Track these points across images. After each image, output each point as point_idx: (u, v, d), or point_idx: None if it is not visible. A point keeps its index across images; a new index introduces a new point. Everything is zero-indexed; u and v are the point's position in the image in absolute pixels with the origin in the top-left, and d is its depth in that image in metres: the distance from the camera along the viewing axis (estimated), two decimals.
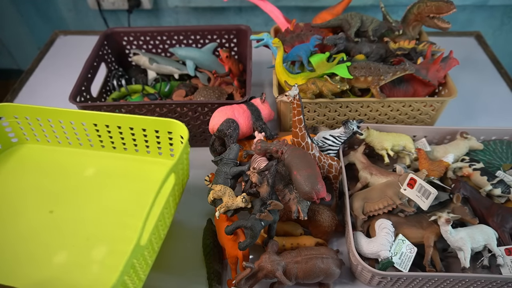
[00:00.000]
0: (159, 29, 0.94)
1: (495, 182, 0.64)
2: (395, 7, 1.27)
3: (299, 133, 0.63)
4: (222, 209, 0.56)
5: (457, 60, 0.78)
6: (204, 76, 0.96)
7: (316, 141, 0.67)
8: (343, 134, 0.67)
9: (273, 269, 0.54)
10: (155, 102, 0.74)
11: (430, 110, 0.76)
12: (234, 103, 0.72)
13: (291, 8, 1.32)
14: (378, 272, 0.54)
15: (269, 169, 0.57)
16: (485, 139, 0.74)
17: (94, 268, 0.55)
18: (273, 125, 0.91)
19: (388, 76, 0.72)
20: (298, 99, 0.63)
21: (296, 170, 0.57)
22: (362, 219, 0.64)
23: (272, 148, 0.60)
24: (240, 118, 0.66)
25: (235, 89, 0.89)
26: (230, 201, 0.56)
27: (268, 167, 0.57)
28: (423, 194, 0.58)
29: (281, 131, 0.82)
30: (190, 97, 0.86)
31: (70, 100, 0.73)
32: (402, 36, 0.84)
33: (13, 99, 1.01)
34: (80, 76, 0.79)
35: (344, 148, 0.78)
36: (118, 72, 0.94)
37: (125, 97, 0.92)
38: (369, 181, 0.69)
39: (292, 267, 0.56)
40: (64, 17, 1.54)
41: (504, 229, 0.60)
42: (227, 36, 0.95)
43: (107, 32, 0.92)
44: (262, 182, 0.56)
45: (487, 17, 1.37)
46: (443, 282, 0.56)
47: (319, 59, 0.78)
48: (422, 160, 0.68)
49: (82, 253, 0.57)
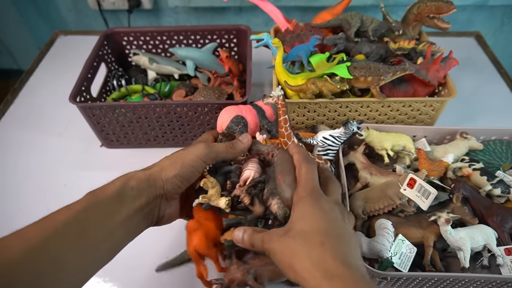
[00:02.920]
0: (159, 29, 0.94)
1: (495, 182, 0.64)
2: (395, 7, 1.27)
3: (285, 133, 0.63)
4: (203, 200, 0.54)
5: (457, 60, 0.78)
6: (204, 76, 0.96)
7: (316, 141, 0.67)
8: (343, 134, 0.67)
9: (244, 279, 0.53)
10: (155, 102, 0.74)
11: (430, 110, 0.76)
12: (234, 103, 0.72)
13: (291, 8, 1.32)
14: (378, 272, 0.54)
15: (255, 187, 0.53)
16: (485, 139, 0.74)
17: None
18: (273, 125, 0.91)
19: (388, 76, 0.72)
20: (282, 100, 0.63)
21: (280, 174, 0.54)
22: (362, 219, 0.64)
23: (264, 150, 0.59)
24: (248, 116, 0.66)
25: (235, 89, 0.89)
26: (214, 197, 0.55)
27: (255, 183, 0.54)
28: (423, 194, 0.58)
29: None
30: (190, 97, 0.86)
31: (70, 100, 0.73)
32: (402, 36, 0.84)
33: (14, 99, 1.01)
34: (80, 76, 0.79)
35: (344, 148, 0.78)
36: (118, 72, 0.94)
37: (125, 97, 0.92)
38: (369, 181, 0.69)
39: (262, 271, 0.55)
40: (64, 17, 1.55)
41: (504, 229, 0.60)
42: (227, 36, 0.95)
43: (107, 32, 0.92)
44: (254, 203, 0.53)
45: (487, 17, 1.37)
46: (443, 282, 0.56)
47: (319, 59, 0.78)
48: (422, 160, 0.68)
49: None
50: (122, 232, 0.44)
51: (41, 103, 0.99)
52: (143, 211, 0.46)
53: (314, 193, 0.42)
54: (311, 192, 0.42)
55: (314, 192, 0.42)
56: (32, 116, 0.95)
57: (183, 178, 0.49)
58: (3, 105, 0.99)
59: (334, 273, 0.35)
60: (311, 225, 0.39)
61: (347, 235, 0.41)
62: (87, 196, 0.43)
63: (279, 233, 0.41)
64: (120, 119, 0.77)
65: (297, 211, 0.41)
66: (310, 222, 0.39)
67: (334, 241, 0.38)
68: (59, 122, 0.93)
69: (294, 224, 0.40)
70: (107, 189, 0.44)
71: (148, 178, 0.46)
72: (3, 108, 0.98)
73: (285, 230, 0.41)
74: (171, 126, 0.80)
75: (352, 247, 0.40)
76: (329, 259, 0.36)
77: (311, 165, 0.46)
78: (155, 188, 0.47)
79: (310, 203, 0.41)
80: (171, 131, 0.81)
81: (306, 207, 0.41)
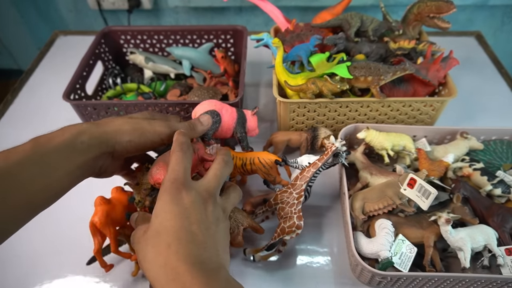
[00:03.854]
0: (156, 28, 0.94)
1: (495, 182, 0.64)
2: (395, 7, 1.27)
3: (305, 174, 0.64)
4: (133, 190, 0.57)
5: (457, 60, 0.78)
6: (200, 76, 0.96)
7: (300, 165, 0.66)
8: (329, 163, 0.65)
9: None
10: (148, 101, 0.74)
11: (430, 110, 0.76)
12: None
13: (291, 8, 1.32)
14: (378, 272, 0.54)
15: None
16: (485, 139, 0.74)
17: None
18: (273, 125, 0.91)
19: (388, 76, 0.72)
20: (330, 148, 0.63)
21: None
22: (362, 219, 0.64)
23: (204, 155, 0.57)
24: (225, 116, 0.64)
25: (230, 90, 0.89)
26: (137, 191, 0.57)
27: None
28: (423, 194, 0.58)
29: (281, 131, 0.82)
30: (185, 97, 0.86)
31: (63, 97, 0.73)
32: (402, 36, 0.84)
33: (14, 99, 1.01)
34: (75, 74, 0.79)
35: None
36: (114, 71, 0.94)
37: (120, 95, 0.92)
38: (369, 181, 0.69)
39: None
40: (64, 17, 1.55)
41: (504, 229, 0.60)
42: (223, 36, 0.95)
43: (104, 31, 0.92)
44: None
45: (487, 17, 1.37)
46: (443, 282, 0.56)
47: (319, 59, 0.78)
48: (422, 160, 0.68)
49: None
50: (61, 186, 0.43)
51: (41, 103, 0.99)
52: (87, 165, 0.46)
53: (176, 183, 0.40)
54: (173, 182, 0.41)
55: (176, 182, 0.40)
56: (32, 116, 0.95)
57: (137, 147, 0.49)
58: (3, 105, 0.99)
59: (176, 276, 0.35)
60: (164, 224, 0.38)
61: (202, 229, 0.39)
62: (30, 144, 0.42)
63: (141, 232, 0.41)
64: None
65: (157, 205, 0.40)
66: (164, 220, 0.38)
67: (182, 240, 0.37)
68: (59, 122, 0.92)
69: (153, 220, 0.39)
70: (54, 139, 0.43)
71: (100, 135, 0.46)
72: (3, 108, 0.98)
73: (146, 227, 0.40)
74: None
75: (206, 241, 0.38)
76: (173, 261, 0.36)
77: (181, 154, 0.44)
78: (106, 146, 0.47)
79: (169, 196, 0.40)
80: None
81: (164, 201, 0.40)
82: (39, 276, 0.65)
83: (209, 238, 0.39)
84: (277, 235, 0.61)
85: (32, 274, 0.65)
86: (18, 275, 0.65)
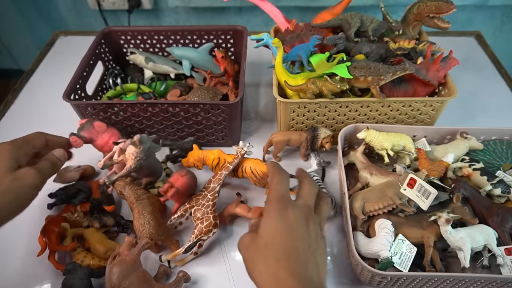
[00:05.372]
0: (156, 29, 0.94)
1: (495, 182, 0.64)
2: (395, 7, 1.27)
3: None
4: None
5: (457, 60, 0.78)
6: (200, 76, 0.96)
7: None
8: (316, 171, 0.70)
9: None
10: (147, 101, 0.74)
11: (430, 110, 0.76)
12: (226, 104, 0.73)
13: (291, 8, 1.32)
14: (378, 272, 0.54)
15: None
16: (485, 139, 0.74)
17: None
18: (273, 125, 0.91)
19: (388, 76, 0.72)
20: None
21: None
22: (362, 219, 0.64)
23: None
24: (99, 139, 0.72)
25: (230, 90, 0.89)
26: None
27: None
28: (423, 194, 0.58)
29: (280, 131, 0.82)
30: (184, 97, 0.86)
31: (63, 98, 0.73)
32: (402, 36, 0.84)
33: (14, 99, 1.01)
34: (75, 74, 0.79)
35: (344, 148, 0.78)
36: (114, 71, 0.94)
37: (120, 95, 0.92)
38: (369, 181, 0.69)
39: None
40: (64, 17, 1.55)
41: (504, 229, 0.60)
42: (223, 36, 0.95)
43: (104, 31, 0.92)
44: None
45: (487, 17, 1.37)
46: (443, 282, 0.56)
47: (319, 59, 0.78)
48: (422, 160, 0.68)
49: None
50: None
51: (42, 103, 0.99)
52: None
53: (281, 200, 0.43)
54: (279, 200, 0.43)
55: (282, 199, 0.43)
56: (32, 116, 0.96)
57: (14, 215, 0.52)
58: (4, 105, 0.99)
59: (285, 286, 0.38)
60: (273, 239, 0.41)
61: (305, 246, 0.42)
62: None
63: (249, 240, 0.43)
64: (113, 118, 0.77)
65: (264, 220, 0.43)
66: (273, 236, 0.41)
67: (290, 256, 0.40)
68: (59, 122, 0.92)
69: (261, 233, 0.42)
70: None
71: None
72: (4, 108, 0.98)
73: (254, 237, 0.43)
74: (164, 125, 0.80)
75: (308, 259, 0.41)
76: (282, 275, 0.39)
77: (281, 176, 0.47)
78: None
79: (275, 212, 0.42)
80: (164, 131, 0.81)
81: (271, 217, 0.42)
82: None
83: (310, 256, 0.41)
84: (194, 236, 0.63)
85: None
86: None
